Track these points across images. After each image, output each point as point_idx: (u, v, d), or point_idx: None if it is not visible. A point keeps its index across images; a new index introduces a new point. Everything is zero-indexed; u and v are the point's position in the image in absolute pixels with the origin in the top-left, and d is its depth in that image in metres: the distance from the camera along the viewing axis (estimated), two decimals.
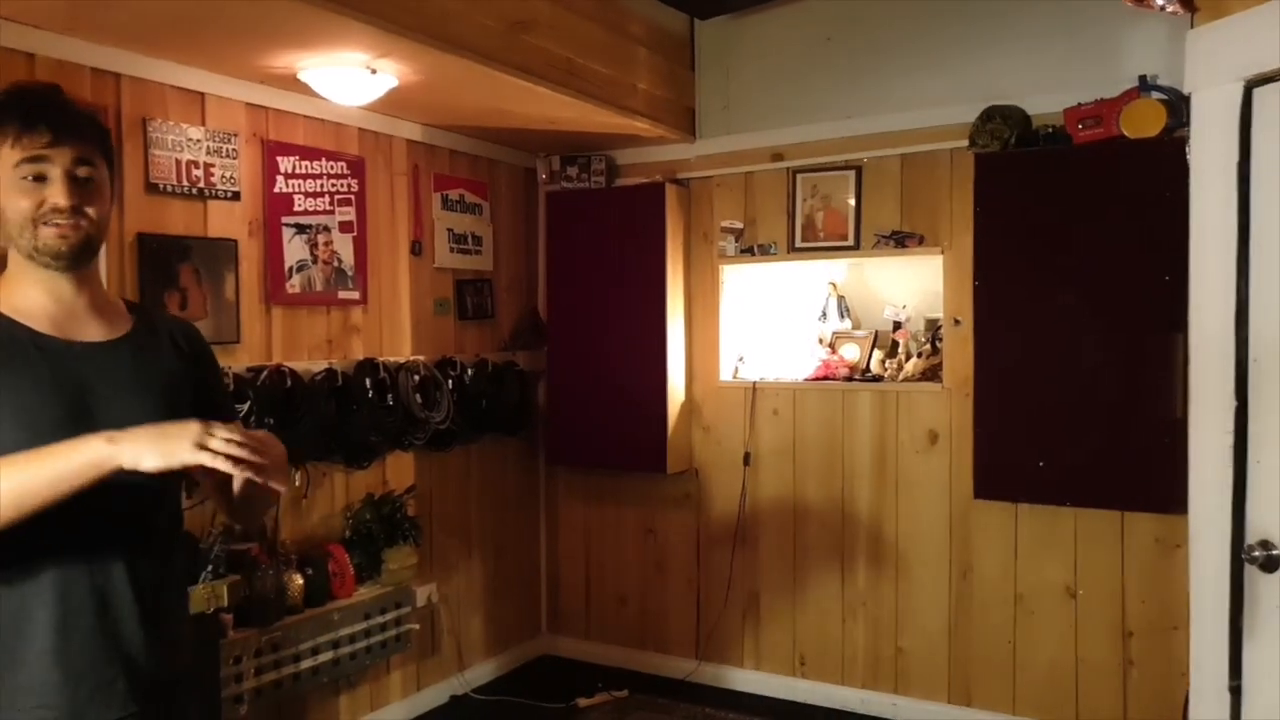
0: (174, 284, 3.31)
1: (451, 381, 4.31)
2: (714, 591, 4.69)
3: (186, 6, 2.78)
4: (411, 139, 4.28)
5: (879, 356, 4.36)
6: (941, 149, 4.07)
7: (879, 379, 4.28)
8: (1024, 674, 3.99)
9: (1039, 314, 3.72)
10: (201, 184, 3.41)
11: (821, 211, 4.38)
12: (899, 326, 4.30)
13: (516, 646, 4.96)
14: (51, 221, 1.51)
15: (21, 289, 1.55)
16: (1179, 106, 3.37)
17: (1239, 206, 2.28)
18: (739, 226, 4.55)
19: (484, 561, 4.76)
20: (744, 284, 4.70)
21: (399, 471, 4.21)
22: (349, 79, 3.36)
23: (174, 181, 3.32)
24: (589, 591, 5.05)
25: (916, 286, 4.29)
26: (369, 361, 3.97)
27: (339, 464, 3.92)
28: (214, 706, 3.12)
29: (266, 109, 3.64)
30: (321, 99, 3.51)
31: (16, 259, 1.56)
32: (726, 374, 4.66)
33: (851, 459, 4.34)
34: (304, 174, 3.78)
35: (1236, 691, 2.30)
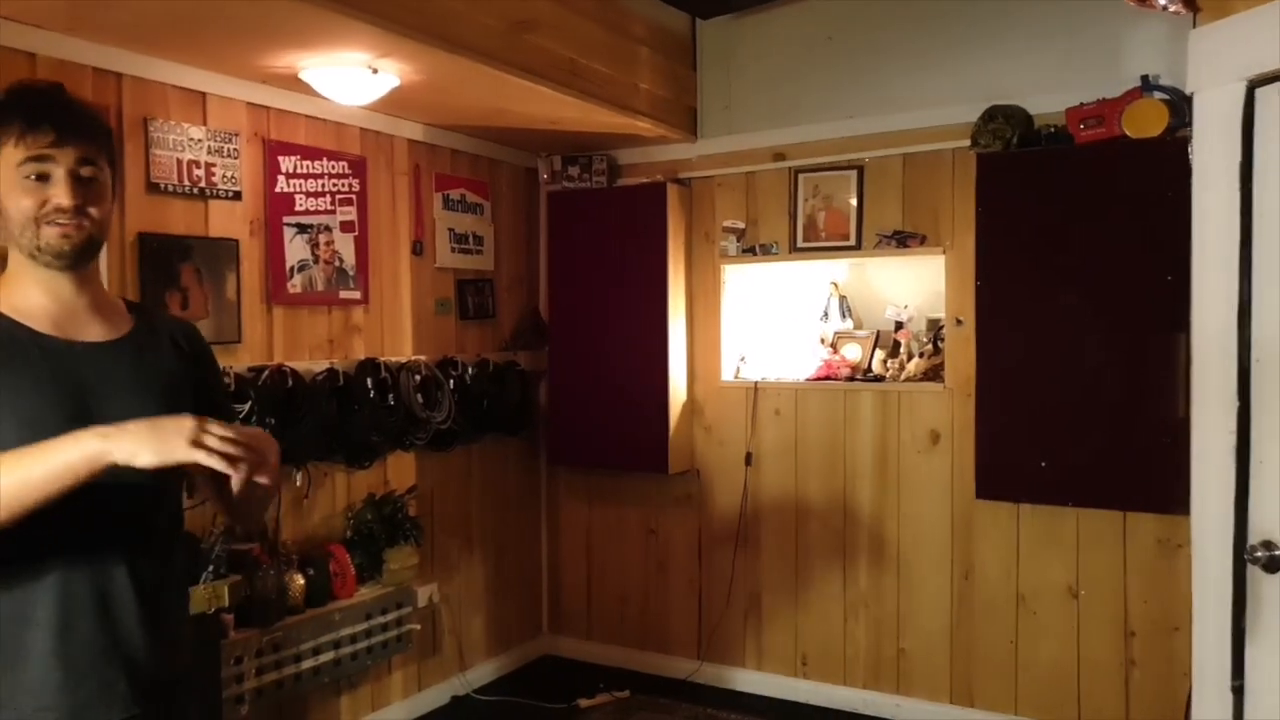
0: (175, 284, 3.31)
1: (453, 381, 4.31)
2: (716, 592, 4.69)
3: (188, 6, 2.78)
4: (413, 139, 4.28)
5: (881, 356, 4.35)
6: (943, 149, 4.07)
7: (881, 379, 4.28)
8: (1026, 674, 3.99)
9: (1041, 314, 3.72)
10: (203, 184, 3.41)
11: (823, 211, 4.38)
12: (901, 326, 4.30)
13: (518, 647, 4.96)
14: (54, 221, 1.50)
15: (22, 289, 1.55)
16: (1181, 106, 3.36)
17: (1241, 207, 2.28)
18: (740, 226, 4.55)
19: (485, 561, 4.76)
20: (745, 284, 4.69)
21: (400, 471, 4.21)
22: (350, 79, 3.36)
23: (175, 181, 3.32)
24: (590, 592, 5.05)
25: (918, 286, 4.29)
26: (370, 361, 3.98)
27: (340, 464, 3.92)
28: (215, 707, 3.12)
29: (268, 109, 3.65)
30: (323, 99, 3.51)
31: (17, 258, 1.55)
32: (728, 374, 4.66)
33: (853, 459, 4.34)
34: (305, 174, 3.78)
35: (1239, 692, 2.30)
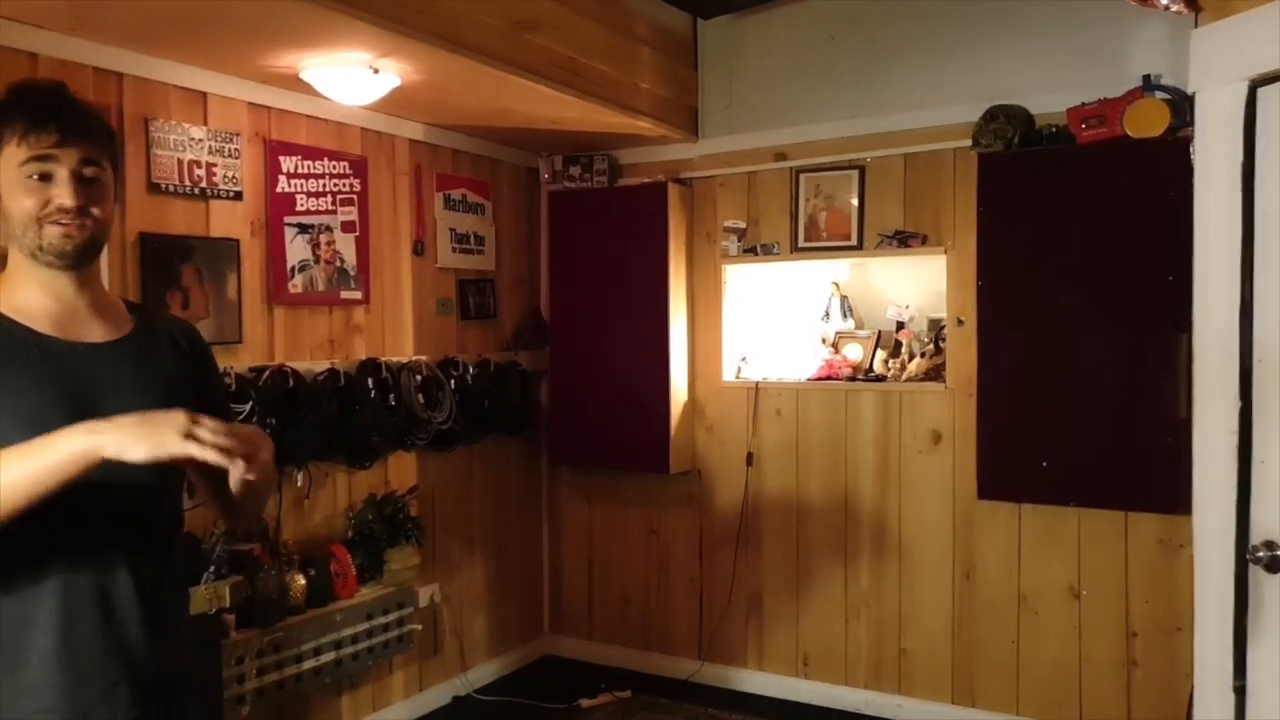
0: (176, 284, 3.31)
1: (454, 381, 4.31)
2: (717, 592, 4.69)
3: (189, 6, 2.77)
4: (414, 139, 4.28)
5: (882, 356, 4.35)
6: (945, 149, 4.06)
7: (882, 379, 4.27)
8: (1027, 674, 3.99)
9: (1042, 314, 3.72)
10: (204, 184, 3.41)
11: (824, 211, 4.37)
12: (902, 326, 4.30)
13: (519, 647, 4.96)
14: (57, 221, 1.50)
15: (22, 289, 1.54)
16: (1183, 106, 3.36)
17: (1243, 206, 2.28)
18: (742, 226, 4.55)
19: (486, 562, 4.76)
20: (747, 284, 4.69)
21: (401, 471, 4.21)
22: (351, 79, 3.36)
23: (176, 181, 3.32)
24: (592, 592, 5.05)
25: (920, 286, 4.29)
26: (371, 361, 3.97)
27: (341, 464, 3.92)
28: (216, 707, 3.12)
29: (269, 109, 3.64)
30: (324, 99, 3.50)
31: (18, 258, 1.55)
32: (729, 374, 4.65)
33: (854, 459, 4.34)
34: (306, 174, 3.78)
35: (1241, 692, 2.30)
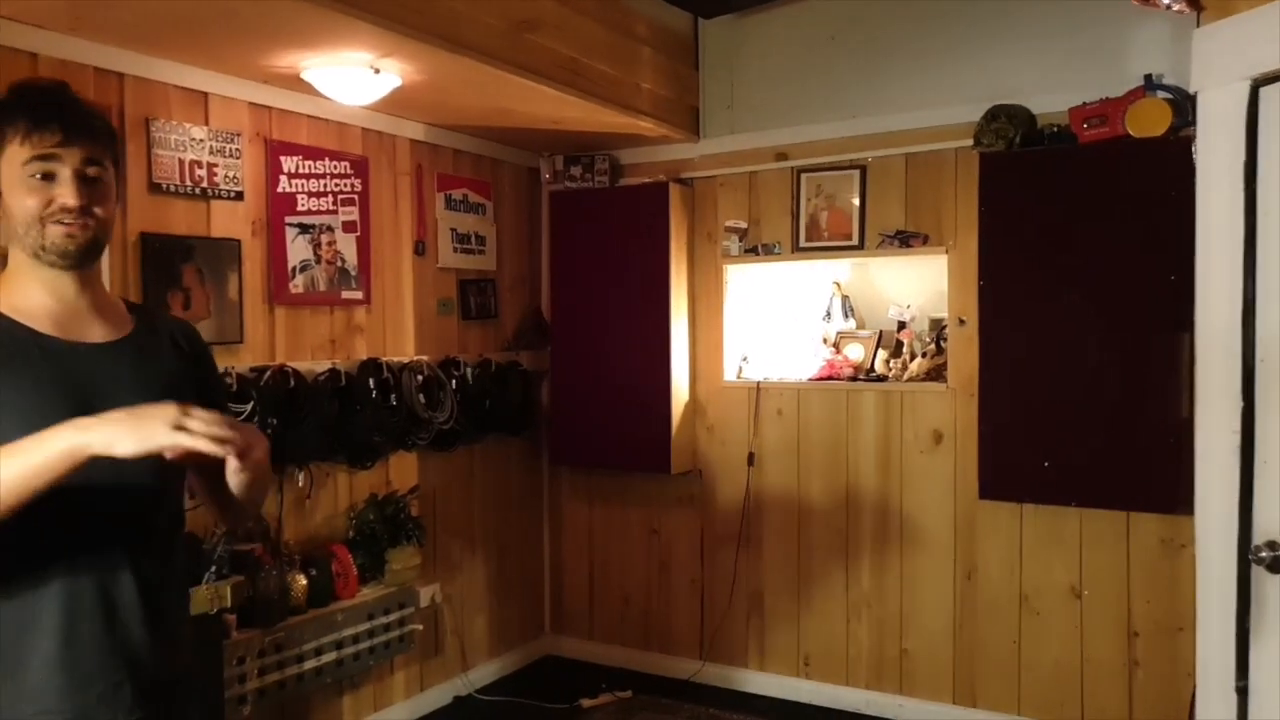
0: (177, 284, 3.31)
1: (455, 381, 4.31)
2: (718, 592, 4.69)
3: (190, 6, 2.77)
4: (415, 139, 4.28)
5: (883, 356, 4.35)
6: (946, 148, 4.06)
7: (883, 379, 4.27)
8: (1029, 674, 3.98)
9: (1044, 314, 3.71)
10: (205, 184, 3.41)
11: (826, 211, 4.37)
12: (903, 326, 4.29)
13: (520, 647, 4.96)
14: (59, 220, 1.49)
15: (23, 288, 1.54)
16: (1184, 106, 3.36)
17: (1245, 206, 2.28)
18: (743, 226, 4.54)
19: (487, 562, 4.76)
20: (748, 284, 4.69)
21: (402, 472, 4.21)
22: (352, 79, 3.36)
23: (177, 181, 3.32)
24: (593, 592, 5.05)
25: (921, 286, 4.28)
26: (372, 361, 3.97)
27: (342, 464, 3.91)
28: (217, 707, 3.12)
29: (270, 109, 3.64)
30: (325, 99, 3.50)
31: (19, 258, 1.54)
32: (730, 374, 4.65)
33: (856, 459, 4.33)
34: (307, 174, 3.78)
35: (1243, 692, 2.30)
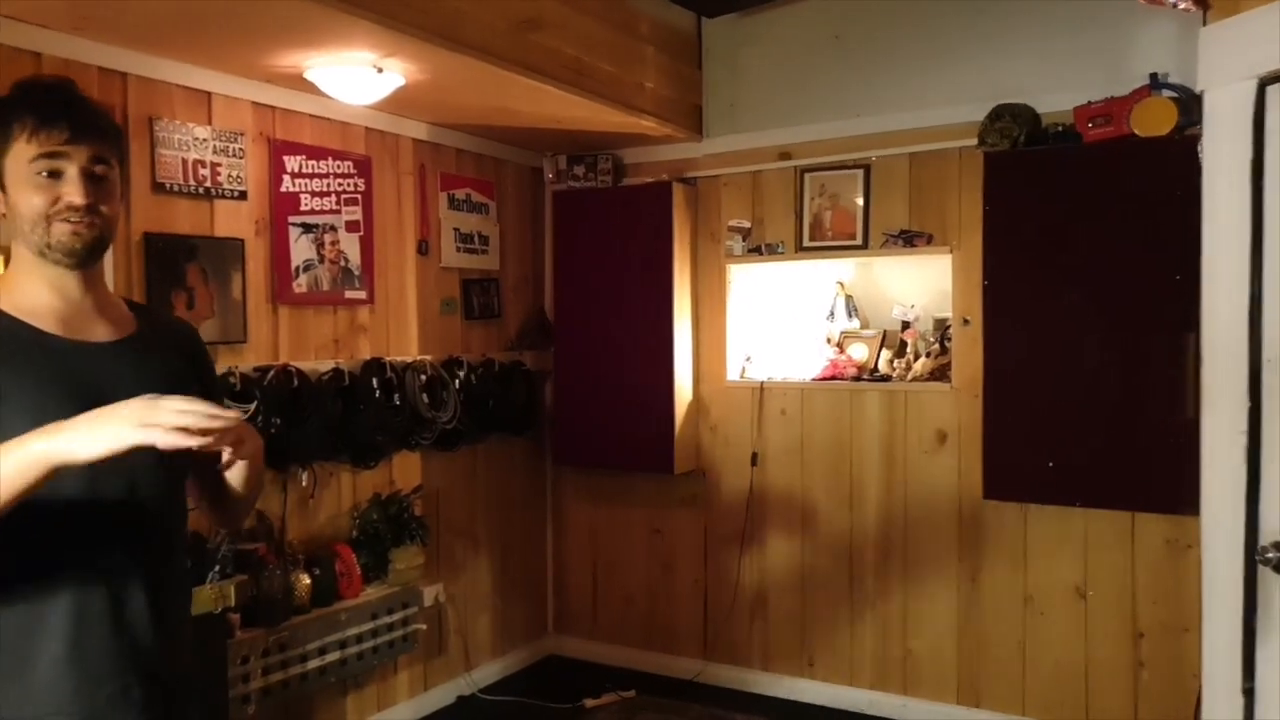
0: (181, 283, 3.31)
1: (458, 381, 4.31)
2: (721, 592, 4.68)
3: (193, 6, 2.77)
4: (418, 138, 4.27)
5: (887, 356, 4.34)
6: (950, 148, 4.05)
7: (887, 379, 4.26)
8: (1033, 675, 3.97)
9: (1048, 313, 3.70)
10: (208, 183, 3.40)
11: (829, 211, 4.36)
12: (907, 326, 4.28)
13: (523, 646, 4.96)
14: (66, 219, 1.49)
15: (27, 286, 1.53)
16: (1190, 105, 3.35)
17: (1252, 205, 2.27)
18: (746, 226, 4.54)
19: (491, 561, 4.76)
20: (751, 283, 4.68)
21: (406, 471, 4.21)
22: (356, 78, 3.35)
23: (181, 181, 3.31)
24: (596, 592, 5.05)
25: (925, 286, 4.28)
26: (376, 361, 3.97)
27: (346, 464, 3.91)
28: (221, 707, 3.12)
29: (273, 108, 3.64)
30: (328, 98, 3.50)
31: (23, 255, 1.53)
32: (734, 374, 4.64)
33: (860, 459, 4.33)
34: (310, 173, 3.78)
35: (1249, 693, 2.29)
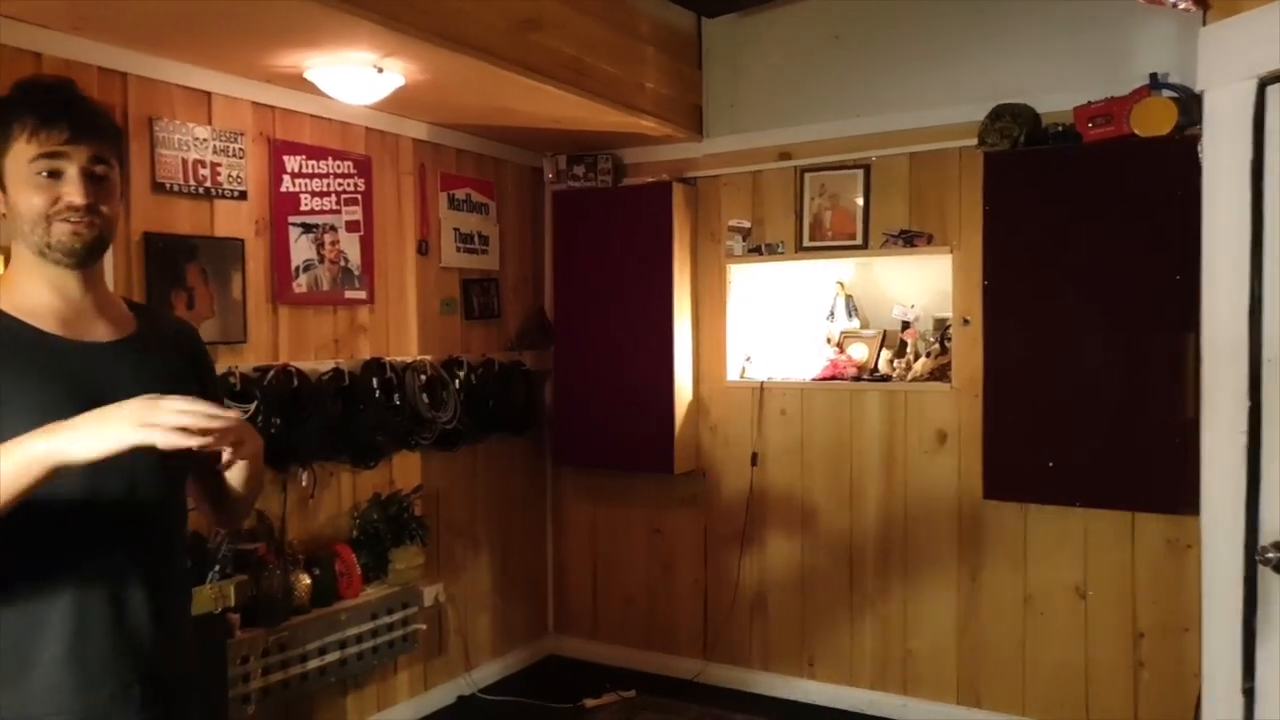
0: (181, 283, 3.31)
1: (458, 381, 4.31)
2: (721, 592, 4.68)
3: (193, 6, 2.77)
4: (418, 138, 4.27)
5: (887, 356, 4.34)
6: (950, 148, 4.05)
7: (887, 379, 4.26)
8: (1033, 675, 3.97)
9: (1048, 313, 3.70)
10: (208, 183, 3.40)
11: (829, 210, 4.36)
12: (907, 326, 4.28)
13: (523, 646, 4.96)
14: (66, 219, 1.49)
15: (26, 286, 1.53)
16: (1190, 105, 3.35)
17: (1252, 205, 2.27)
18: (746, 226, 4.53)
19: (491, 561, 4.76)
20: (751, 283, 4.68)
21: (406, 471, 4.21)
22: (356, 78, 3.35)
23: (181, 181, 3.31)
24: (596, 592, 5.04)
25: (925, 286, 4.27)
26: (376, 361, 3.97)
27: (346, 464, 3.91)
28: (221, 707, 3.12)
29: (273, 108, 3.64)
30: (328, 98, 3.50)
31: (23, 255, 1.53)
32: (734, 374, 4.64)
33: (860, 459, 4.33)
34: (310, 173, 3.78)
35: (1250, 694, 2.29)
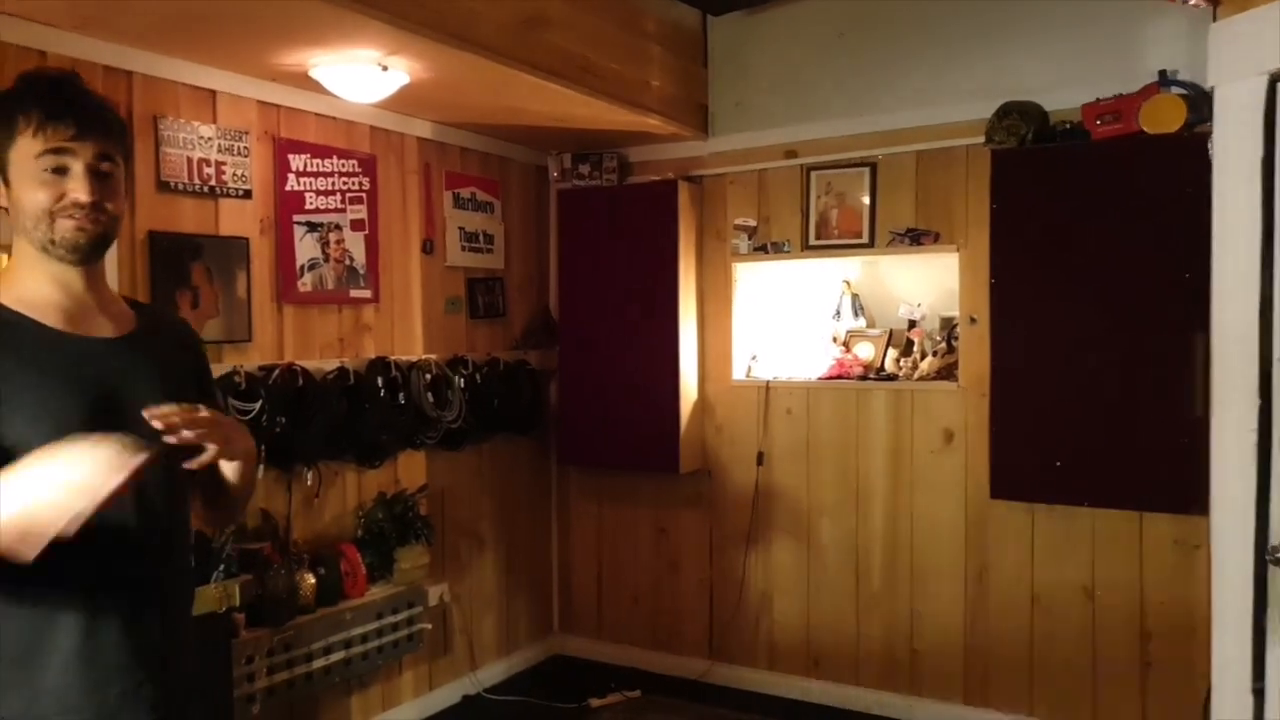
0: (186, 282, 3.30)
1: (463, 380, 4.30)
2: (727, 591, 4.67)
3: (198, 4, 2.77)
4: (423, 137, 4.27)
5: (894, 355, 4.32)
6: (957, 145, 4.04)
7: (893, 378, 4.25)
8: (1041, 675, 3.95)
9: (1056, 312, 3.69)
10: (213, 182, 3.40)
11: (835, 209, 4.35)
12: (914, 325, 4.27)
13: (529, 646, 4.95)
14: (70, 215, 1.48)
15: (29, 282, 1.53)
16: (1199, 102, 3.33)
17: (1263, 201, 2.26)
18: (752, 224, 4.52)
19: (496, 561, 4.75)
20: (757, 282, 4.67)
21: (411, 470, 4.20)
22: (361, 76, 3.35)
23: (185, 179, 3.31)
24: (601, 591, 5.04)
25: (931, 285, 4.26)
26: (381, 360, 3.97)
27: (351, 463, 3.91)
28: (225, 706, 3.12)
29: (278, 107, 3.64)
30: (333, 96, 3.49)
31: (25, 251, 1.53)
32: (739, 373, 4.63)
33: (866, 459, 4.31)
34: (315, 172, 3.77)
35: (1260, 694, 2.28)
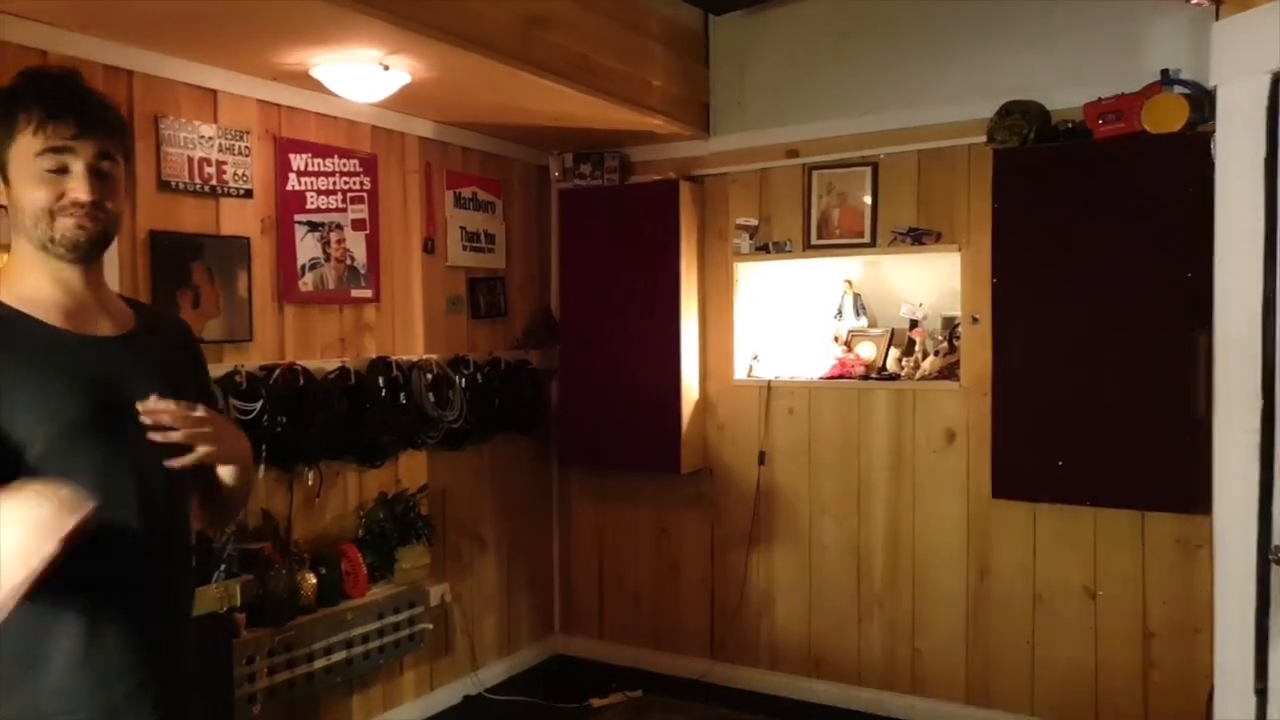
0: (186, 282, 3.30)
1: (464, 380, 4.30)
2: (728, 591, 4.67)
3: (199, 4, 2.77)
4: (424, 136, 4.27)
5: (895, 355, 4.32)
6: (959, 145, 4.03)
7: (895, 377, 4.24)
8: (1043, 675, 3.95)
9: (1058, 312, 3.68)
10: (214, 181, 3.40)
11: (837, 208, 4.34)
12: (916, 325, 4.26)
13: (530, 646, 4.95)
14: (70, 213, 1.48)
15: (28, 279, 1.53)
16: (1202, 101, 3.33)
17: (1265, 201, 2.25)
18: (754, 224, 4.52)
19: (497, 561, 4.75)
20: (759, 282, 4.66)
21: (412, 470, 4.20)
22: (362, 76, 3.35)
23: (186, 179, 3.31)
24: (602, 591, 5.03)
25: (933, 284, 4.25)
26: (382, 360, 3.96)
27: (352, 463, 3.91)
28: (226, 706, 3.11)
29: (279, 106, 3.64)
30: (334, 96, 3.49)
31: (24, 249, 1.52)
32: (741, 373, 4.63)
33: (868, 458, 4.31)
34: (316, 171, 3.77)
35: (1262, 694, 2.28)
